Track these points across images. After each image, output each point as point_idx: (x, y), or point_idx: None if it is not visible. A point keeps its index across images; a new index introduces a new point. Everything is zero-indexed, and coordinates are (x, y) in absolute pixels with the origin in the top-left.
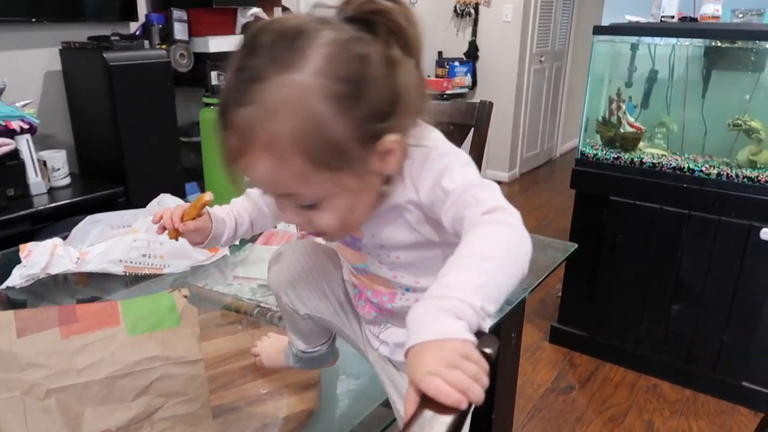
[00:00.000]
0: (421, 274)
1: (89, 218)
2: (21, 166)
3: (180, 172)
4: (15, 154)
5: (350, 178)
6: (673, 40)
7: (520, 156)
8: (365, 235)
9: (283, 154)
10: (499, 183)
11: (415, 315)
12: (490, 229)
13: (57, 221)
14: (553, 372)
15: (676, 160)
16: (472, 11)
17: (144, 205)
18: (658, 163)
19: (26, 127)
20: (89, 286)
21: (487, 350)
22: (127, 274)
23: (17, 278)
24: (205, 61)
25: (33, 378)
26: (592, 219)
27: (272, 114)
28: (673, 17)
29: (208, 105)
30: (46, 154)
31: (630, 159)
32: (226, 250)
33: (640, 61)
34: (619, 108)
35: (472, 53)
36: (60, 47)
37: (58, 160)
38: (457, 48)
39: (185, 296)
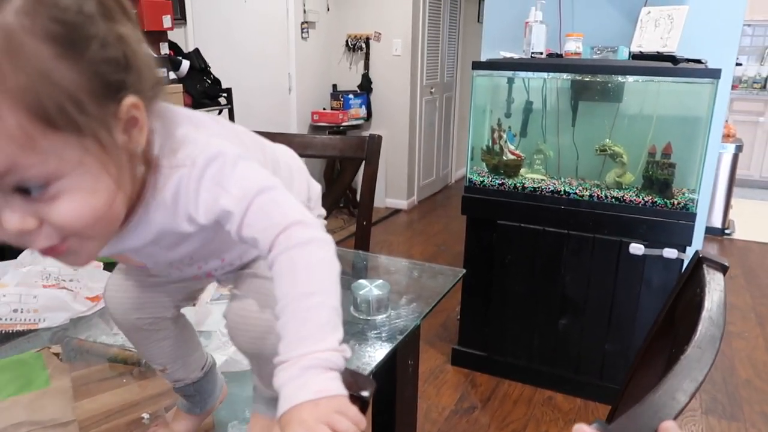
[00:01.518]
0: (223, 252)
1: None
2: None
3: None
4: None
5: (92, 147)
6: (543, 74)
7: (417, 184)
8: (148, 264)
9: None
10: (399, 211)
11: (283, 381)
12: (300, 256)
13: None
14: (456, 394)
15: (554, 184)
16: (364, 45)
17: (14, 257)
18: (539, 187)
19: None
20: None
21: (364, 393)
22: None
23: None
24: None
25: None
26: (483, 242)
27: None
28: (541, 53)
29: None
30: None
31: (513, 185)
32: None
33: (516, 93)
34: (500, 137)
35: (366, 86)
36: None
37: None
38: (351, 81)
39: (56, 354)
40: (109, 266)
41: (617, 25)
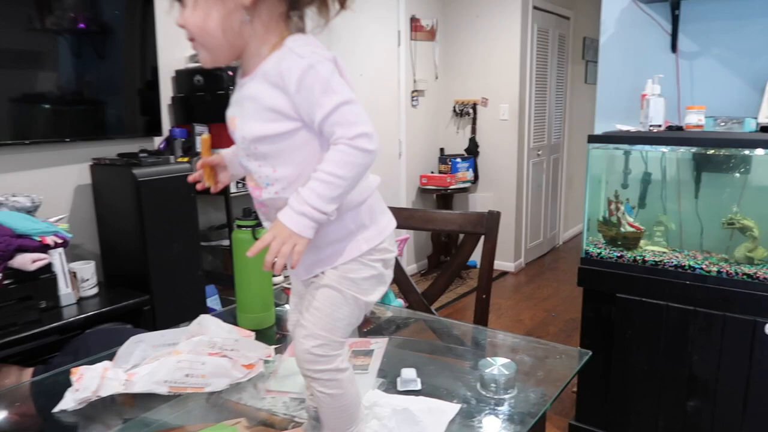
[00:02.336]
0: (275, 164)
1: (133, 338)
2: (53, 279)
3: (201, 277)
4: (47, 267)
5: None
6: (663, 147)
7: (524, 245)
8: (237, 127)
9: None
10: (506, 273)
11: (285, 210)
12: (341, 151)
13: (86, 329)
14: None
15: (677, 257)
16: (471, 111)
17: (168, 313)
18: (660, 261)
19: (60, 241)
20: (135, 407)
21: None
22: (171, 393)
23: (70, 402)
24: None
25: None
26: (602, 315)
27: None
28: (660, 126)
29: (240, 227)
30: (76, 266)
31: (633, 257)
32: (261, 367)
33: (634, 164)
34: (617, 209)
35: (473, 149)
36: (90, 163)
37: (87, 271)
38: (458, 145)
39: (246, 427)
40: (259, 336)
41: (741, 95)
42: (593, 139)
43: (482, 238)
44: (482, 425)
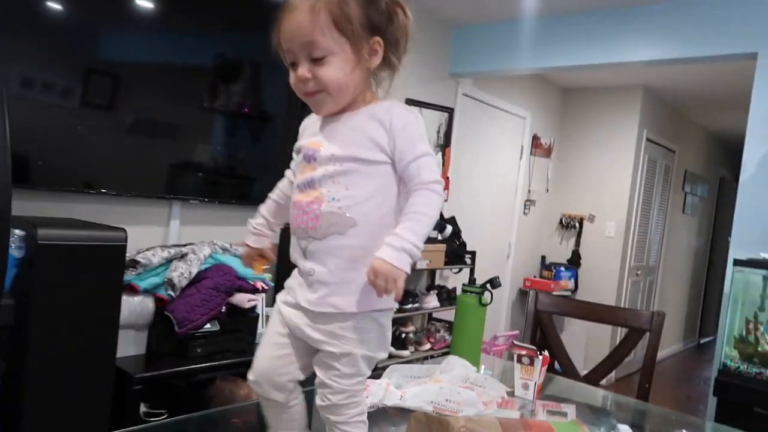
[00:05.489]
0: (351, 183)
1: (390, 369)
2: (255, 318)
3: None
4: (254, 308)
5: (349, 46)
6: None
7: None
8: (323, 147)
9: (316, 10)
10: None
11: (384, 249)
12: (426, 194)
13: None
14: None
15: None
16: (577, 224)
17: None
18: None
19: (266, 287)
20: (401, 417)
21: None
22: (434, 413)
23: None
24: None
25: None
26: (737, 427)
27: None
28: None
29: (466, 292)
30: (269, 310)
31: None
32: (495, 406)
33: None
34: (756, 328)
35: (575, 261)
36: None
37: None
38: (559, 255)
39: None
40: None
41: None
42: (738, 263)
43: (647, 334)
44: None
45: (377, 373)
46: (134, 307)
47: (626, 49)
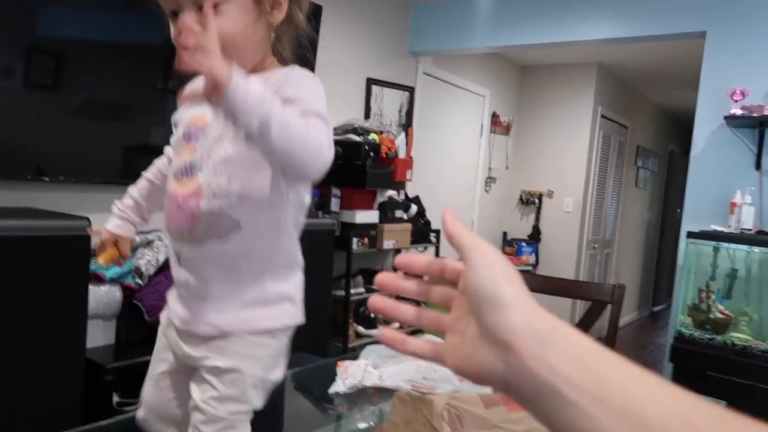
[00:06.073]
0: (236, 175)
1: (367, 348)
2: None
3: (325, 328)
4: None
5: None
6: (755, 248)
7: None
8: (209, 124)
9: None
10: None
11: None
12: (306, 134)
13: None
14: None
15: (762, 344)
16: (536, 200)
17: (311, 349)
18: (748, 345)
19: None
20: (379, 397)
21: None
22: (412, 390)
23: (341, 386)
24: (349, 229)
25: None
26: (692, 390)
27: None
28: (750, 230)
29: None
30: None
31: (723, 341)
32: None
33: (721, 260)
34: (708, 297)
35: (536, 236)
36: None
37: None
38: (520, 230)
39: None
40: None
41: None
42: (692, 235)
43: (608, 306)
44: None
45: (354, 354)
46: (101, 297)
47: (580, 28)
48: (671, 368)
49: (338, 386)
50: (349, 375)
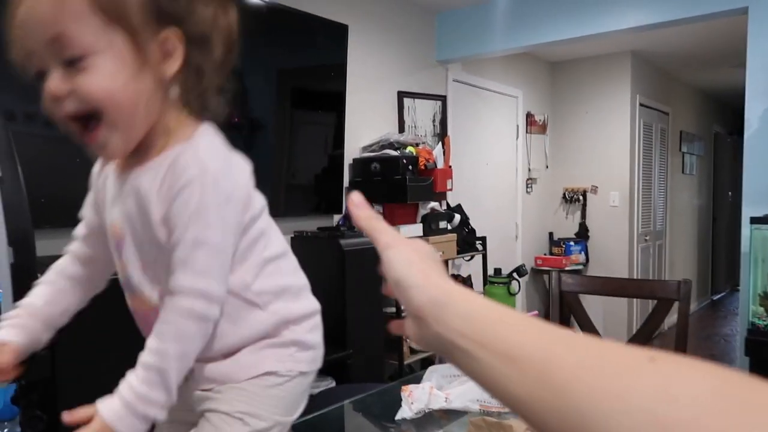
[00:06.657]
0: (157, 281)
1: (430, 369)
2: None
3: (381, 339)
4: None
5: (126, 44)
6: None
7: (634, 327)
8: (123, 232)
9: None
10: None
11: (112, 398)
12: (177, 313)
13: None
14: None
15: None
16: (581, 197)
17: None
18: None
19: None
20: (447, 420)
21: None
22: (481, 410)
23: (407, 411)
24: None
25: None
26: None
27: None
28: None
29: (492, 283)
30: None
31: None
32: None
33: None
34: None
35: (583, 233)
36: (292, 235)
37: None
38: (567, 229)
39: None
40: None
41: None
42: (756, 220)
43: (676, 303)
44: None
45: (416, 375)
46: None
47: (612, 18)
48: (747, 362)
49: (404, 412)
50: (415, 399)
